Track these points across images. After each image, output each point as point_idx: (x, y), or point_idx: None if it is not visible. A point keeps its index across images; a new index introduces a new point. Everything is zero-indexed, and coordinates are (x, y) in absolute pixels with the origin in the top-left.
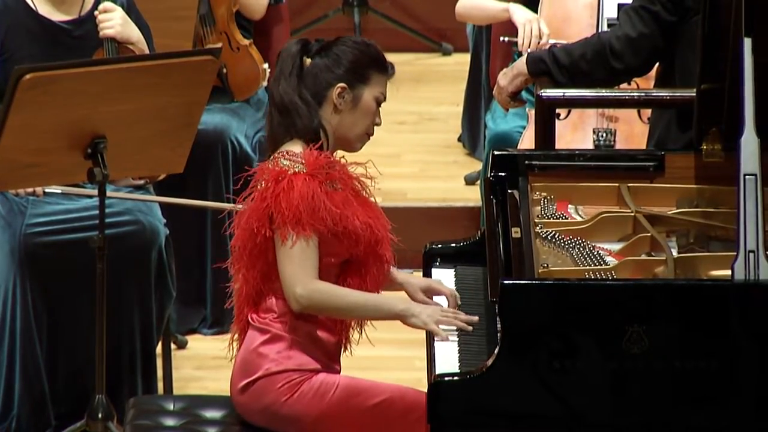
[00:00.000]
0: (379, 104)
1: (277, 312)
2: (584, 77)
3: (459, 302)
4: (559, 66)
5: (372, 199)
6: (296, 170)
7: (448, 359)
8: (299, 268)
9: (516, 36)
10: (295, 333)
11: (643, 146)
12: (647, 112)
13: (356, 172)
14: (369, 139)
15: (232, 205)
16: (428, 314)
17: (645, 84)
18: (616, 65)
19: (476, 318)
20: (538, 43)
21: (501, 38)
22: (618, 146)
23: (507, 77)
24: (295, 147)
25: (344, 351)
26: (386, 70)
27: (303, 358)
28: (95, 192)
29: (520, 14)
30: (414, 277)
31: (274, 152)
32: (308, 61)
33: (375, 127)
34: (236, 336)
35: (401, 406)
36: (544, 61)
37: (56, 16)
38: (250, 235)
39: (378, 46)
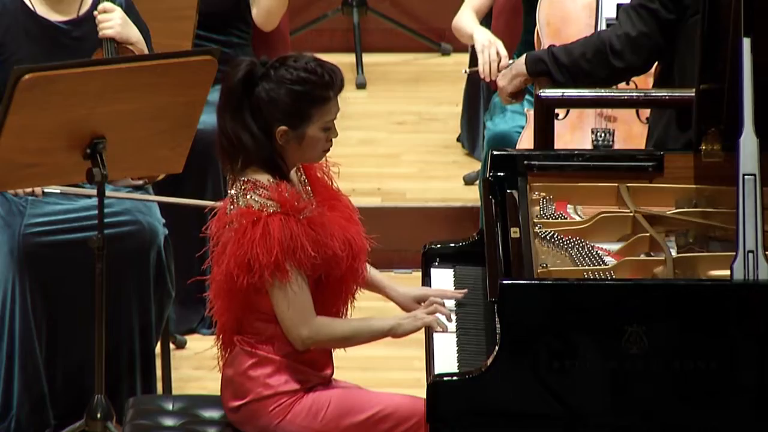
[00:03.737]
0: (328, 129)
1: (263, 334)
2: (584, 76)
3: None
4: (558, 65)
5: (335, 187)
6: (270, 211)
7: (447, 359)
8: (299, 311)
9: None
10: (282, 353)
11: (642, 146)
12: (646, 112)
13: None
14: (328, 152)
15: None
16: (413, 317)
17: (644, 84)
18: (617, 64)
19: (460, 294)
20: (498, 66)
21: (463, 71)
22: (616, 146)
23: (506, 78)
24: (259, 176)
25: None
26: (328, 99)
27: (292, 379)
28: (94, 192)
29: (479, 40)
30: (405, 289)
31: (232, 172)
32: (254, 87)
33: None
34: (221, 350)
35: (396, 416)
36: (543, 61)
37: (54, 16)
38: (229, 278)
39: (319, 70)
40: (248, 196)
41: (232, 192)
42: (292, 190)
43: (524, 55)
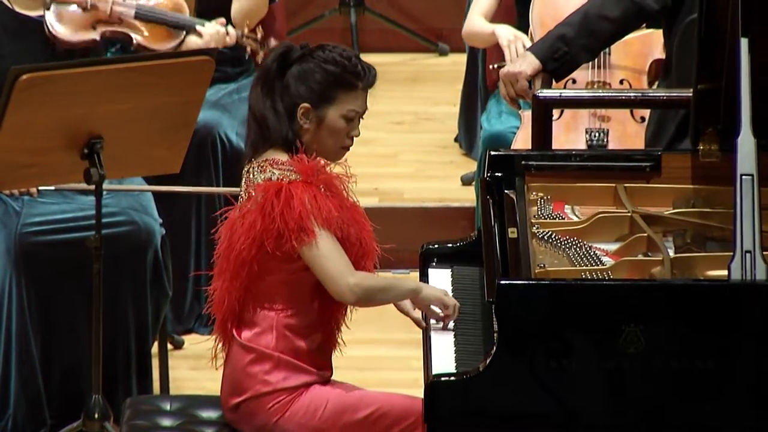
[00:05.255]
0: (350, 120)
1: (260, 326)
2: (600, 22)
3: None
4: (569, 24)
5: (353, 199)
6: (291, 179)
7: (445, 359)
8: (339, 262)
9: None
10: (281, 349)
11: (636, 146)
12: (640, 112)
13: (336, 171)
14: (346, 151)
15: (229, 189)
16: (441, 290)
17: (639, 84)
18: None
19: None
20: None
21: (491, 66)
22: (611, 146)
23: (521, 64)
24: (279, 155)
25: (335, 351)
26: (355, 87)
27: (291, 376)
28: (89, 187)
29: (504, 36)
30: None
31: (252, 157)
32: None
33: (354, 139)
34: (220, 346)
35: (393, 415)
36: (554, 38)
37: (34, 11)
38: (248, 245)
39: (353, 59)
40: (267, 171)
41: (250, 174)
42: (312, 159)
43: (526, 53)
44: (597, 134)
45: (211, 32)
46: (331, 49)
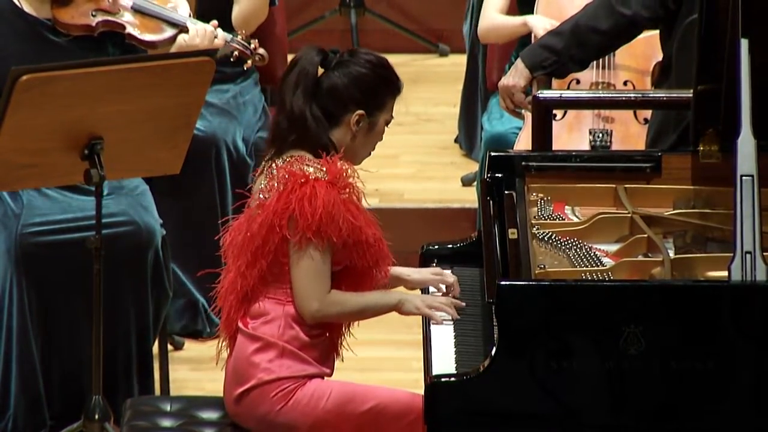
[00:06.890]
0: (387, 125)
1: (268, 316)
2: (587, 34)
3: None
4: (559, 34)
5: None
6: (318, 176)
7: (445, 360)
8: (316, 284)
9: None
10: (286, 338)
11: (639, 147)
12: (643, 113)
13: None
14: (370, 155)
15: None
16: (421, 299)
17: (642, 85)
18: (623, 10)
19: (463, 304)
20: None
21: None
22: (614, 147)
23: (514, 76)
24: (307, 155)
25: (338, 357)
26: (399, 92)
27: (295, 365)
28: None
29: (538, 25)
30: (413, 271)
31: (275, 154)
32: (324, 74)
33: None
34: (225, 342)
35: (395, 410)
36: (543, 47)
37: (42, 13)
38: (266, 232)
39: (391, 66)
40: (295, 166)
41: (273, 169)
42: (342, 164)
43: (518, 61)
44: (600, 135)
45: (199, 29)
46: (371, 53)
